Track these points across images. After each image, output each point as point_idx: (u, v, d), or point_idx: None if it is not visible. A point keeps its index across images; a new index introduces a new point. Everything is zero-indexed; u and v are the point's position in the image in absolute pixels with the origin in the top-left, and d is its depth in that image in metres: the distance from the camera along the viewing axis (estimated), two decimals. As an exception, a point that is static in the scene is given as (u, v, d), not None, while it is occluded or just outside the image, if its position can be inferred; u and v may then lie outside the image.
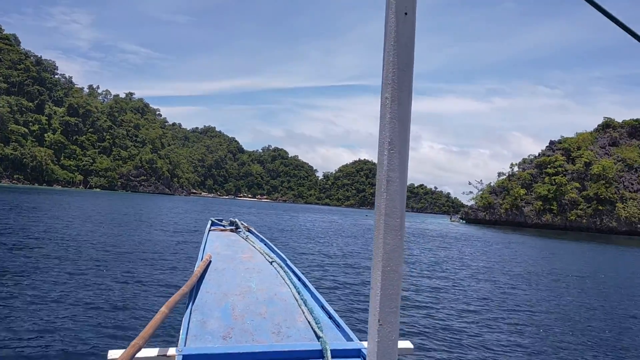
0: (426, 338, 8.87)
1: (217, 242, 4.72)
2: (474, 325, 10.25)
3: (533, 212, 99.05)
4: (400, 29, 1.12)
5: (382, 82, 1.16)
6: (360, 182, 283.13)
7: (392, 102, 1.13)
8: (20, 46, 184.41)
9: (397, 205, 1.14)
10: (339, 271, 16.53)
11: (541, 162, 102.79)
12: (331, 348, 2.29)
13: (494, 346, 8.74)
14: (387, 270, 1.14)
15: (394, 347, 1.17)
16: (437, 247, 32.15)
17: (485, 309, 12.10)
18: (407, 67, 1.13)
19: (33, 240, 17.74)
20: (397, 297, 1.16)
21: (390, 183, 1.13)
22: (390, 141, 1.13)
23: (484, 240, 45.48)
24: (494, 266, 22.49)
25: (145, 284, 11.66)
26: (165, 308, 2.32)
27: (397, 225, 1.15)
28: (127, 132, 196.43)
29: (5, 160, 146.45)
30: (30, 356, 6.39)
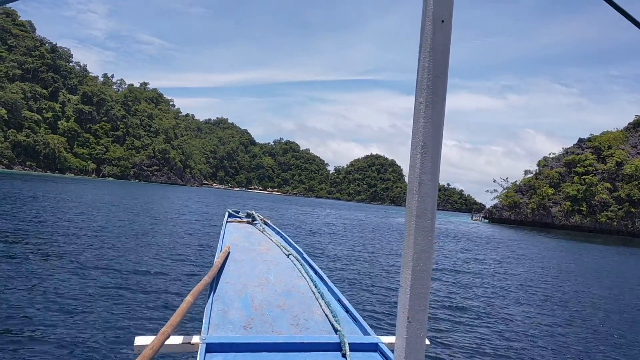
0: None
1: (235, 234, 4.74)
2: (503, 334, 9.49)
3: (561, 212, 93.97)
4: (436, 36, 1.14)
5: (417, 86, 1.17)
6: (371, 177, 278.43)
7: (426, 107, 1.14)
8: (35, 33, 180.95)
9: (429, 207, 1.16)
10: (361, 271, 15.53)
11: (570, 161, 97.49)
12: (349, 341, 2.31)
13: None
14: (417, 269, 1.16)
15: (422, 343, 1.20)
16: (467, 249, 29.11)
17: (523, 322, 10.84)
18: (442, 73, 1.15)
19: (55, 229, 17.60)
20: (426, 296, 1.19)
21: (422, 185, 1.15)
22: (424, 144, 1.15)
23: (515, 243, 41.34)
24: (542, 277, 19.49)
25: (166, 272, 11.78)
26: (190, 297, 2.37)
27: (428, 226, 1.17)
28: (140, 122, 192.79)
29: (18, 146, 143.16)
30: (59, 342, 6.34)
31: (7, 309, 7.75)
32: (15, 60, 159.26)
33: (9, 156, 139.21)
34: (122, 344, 6.57)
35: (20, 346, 6.28)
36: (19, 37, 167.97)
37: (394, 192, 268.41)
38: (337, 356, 2.26)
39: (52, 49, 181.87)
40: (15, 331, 6.78)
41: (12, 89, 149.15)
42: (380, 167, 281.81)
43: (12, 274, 10.12)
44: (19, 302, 8.15)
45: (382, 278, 14.38)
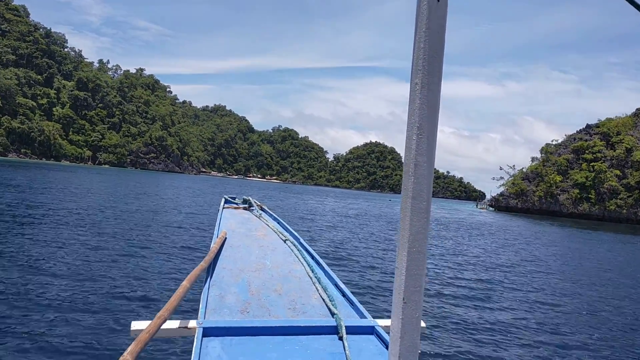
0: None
1: (231, 220, 4.75)
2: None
3: (569, 200, 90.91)
4: (432, 16, 1.13)
5: (412, 68, 1.16)
6: (370, 164, 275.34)
7: (422, 88, 1.13)
8: (29, 18, 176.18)
9: (424, 188, 1.16)
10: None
11: (578, 147, 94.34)
12: (346, 325, 2.32)
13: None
14: (412, 251, 1.16)
15: (418, 324, 1.20)
16: (474, 237, 27.84)
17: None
18: (437, 53, 1.14)
19: (52, 216, 17.45)
20: (422, 277, 1.19)
21: (418, 167, 1.15)
22: (420, 126, 1.14)
23: (523, 231, 38.71)
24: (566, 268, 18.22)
25: (162, 258, 11.69)
26: (186, 282, 2.38)
27: (424, 208, 1.16)
28: (137, 108, 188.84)
29: (12, 133, 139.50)
30: (55, 328, 6.32)
31: (2, 292, 7.73)
32: (9, 46, 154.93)
33: (3, 143, 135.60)
34: (118, 328, 6.44)
35: (15, 330, 6.21)
36: (13, 22, 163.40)
37: (393, 180, 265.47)
38: (334, 339, 2.27)
39: (47, 34, 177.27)
40: (11, 315, 6.73)
41: (6, 75, 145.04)
42: (380, 154, 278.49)
43: (7, 259, 9.95)
44: (15, 287, 8.08)
45: (381, 264, 14.21)
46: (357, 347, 2.21)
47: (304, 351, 2.13)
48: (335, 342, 2.24)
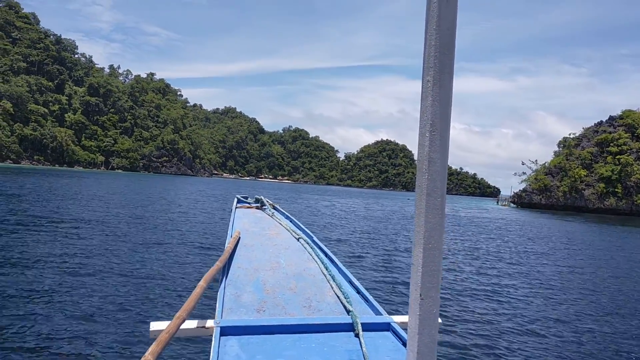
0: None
1: (244, 219, 4.76)
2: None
3: (595, 195, 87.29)
4: (442, 13, 1.12)
5: (424, 65, 1.15)
6: (382, 162, 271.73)
7: (433, 85, 1.12)
8: (39, 25, 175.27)
9: (438, 185, 1.15)
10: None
11: (602, 140, 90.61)
12: (361, 322, 2.32)
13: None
14: (428, 247, 1.16)
15: (435, 320, 1.20)
16: (500, 238, 25.88)
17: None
18: (448, 50, 1.13)
19: (69, 220, 17.66)
20: (438, 274, 1.18)
21: (431, 163, 1.14)
22: (432, 123, 1.13)
23: (546, 228, 35.54)
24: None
25: (178, 259, 11.72)
26: (203, 282, 2.39)
27: (438, 204, 1.16)
28: (148, 113, 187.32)
29: (25, 140, 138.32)
30: (76, 330, 6.36)
31: (25, 295, 7.78)
32: (19, 53, 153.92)
33: (16, 151, 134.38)
34: (138, 329, 6.45)
35: (37, 330, 6.27)
36: (23, 30, 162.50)
37: (405, 178, 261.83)
38: (350, 336, 2.27)
39: (57, 40, 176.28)
40: (32, 316, 6.78)
41: (18, 82, 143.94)
42: (391, 152, 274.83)
43: (29, 263, 10.07)
44: (36, 289, 8.16)
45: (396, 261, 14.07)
46: (373, 343, 2.20)
47: (321, 348, 2.12)
48: (352, 339, 2.24)
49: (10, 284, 8.51)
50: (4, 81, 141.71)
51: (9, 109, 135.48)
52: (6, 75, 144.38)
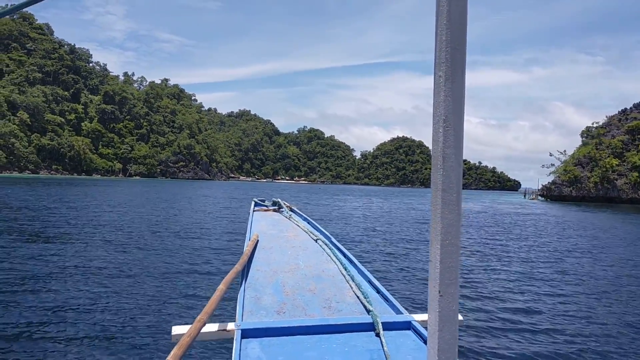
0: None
1: (262, 222, 4.78)
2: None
3: (628, 185, 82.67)
4: (452, 7, 1.10)
5: (435, 60, 1.13)
6: (399, 160, 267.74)
7: (445, 81, 1.11)
8: (53, 35, 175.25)
9: (454, 180, 1.14)
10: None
11: (634, 127, 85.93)
12: (382, 321, 2.31)
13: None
14: (445, 243, 1.15)
15: (455, 317, 1.19)
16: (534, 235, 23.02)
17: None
18: (460, 45, 1.12)
19: (91, 227, 17.99)
20: (456, 270, 1.17)
21: (446, 159, 1.13)
22: (446, 118, 1.12)
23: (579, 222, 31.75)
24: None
25: (197, 263, 11.75)
26: (223, 285, 2.40)
27: (454, 200, 1.15)
28: (164, 118, 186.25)
29: (42, 150, 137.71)
30: (97, 334, 6.44)
31: (48, 299, 7.92)
32: (35, 64, 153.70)
33: (34, 161, 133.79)
34: (159, 333, 6.50)
35: (60, 332, 6.38)
36: (37, 41, 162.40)
37: (423, 174, 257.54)
38: (371, 336, 2.26)
39: (71, 50, 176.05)
40: (55, 320, 6.90)
41: (33, 93, 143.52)
42: (408, 149, 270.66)
43: (52, 267, 10.35)
44: (59, 293, 8.31)
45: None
46: (394, 342, 2.19)
47: (342, 349, 2.12)
48: (373, 339, 2.23)
49: (37, 286, 8.77)
50: (20, 92, 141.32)
51: (26, 120, 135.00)
52: (22, 86, 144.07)
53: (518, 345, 6.80)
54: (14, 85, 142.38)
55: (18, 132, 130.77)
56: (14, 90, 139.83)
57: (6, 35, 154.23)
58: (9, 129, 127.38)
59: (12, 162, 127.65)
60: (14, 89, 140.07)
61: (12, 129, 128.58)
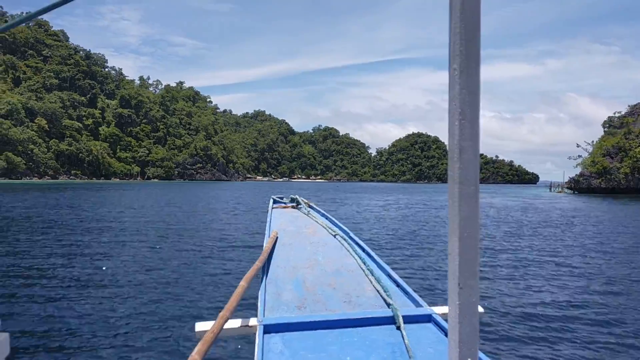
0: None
1: (281, 219, 4.79)
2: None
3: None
4: (466, 0, 1.09)
5: (450, 53, 1.12)
6: (415, 156, 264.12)
7: (460, 73, 1.09)
8: (69, 41, 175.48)
9: (471, 173, 1.13)
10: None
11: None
12: (402, 314, 2.31)
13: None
14: (464, 236, 1.14)
15: (475, 309, 1.18)
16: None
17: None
18: (474, 37, 1.10)
19: (113, 228, 18.48)
20: (476, 262, 1.16)
21: (463, 152, 1.12)
22: (461, 111, 1.10)
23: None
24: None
25: (218, 261, 11.82)
26: (244, 282, 2.41)
27: (472, 192, 1.14)
28: (180, 121, 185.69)
29: (61, 156, 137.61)
30: (123, 331, 6.48)
31: (74, 298, 8.07)
32: (51, 70, 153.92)
33: (53, 166, 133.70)
34: (183, 330, 6.56)
35: (86, 329, 6.52)
36: (53, 47, 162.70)
37: (439, 170, 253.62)
38: (392, 329, 2.25)
39: (87, 55, 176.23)
40: (82, 316, 7.07)
41: (51, 99, 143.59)
42: (424, 145, 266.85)
43: (76, 268, 10.57)
44: (83, 293, 8.49)
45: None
46: (415, 335, 2.18)
47: (363, 342, 2.12)
48: (393, 332, 2.22)
49: (65, 285, 9.05)
50: (38, 98, 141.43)
51: (44, 126, 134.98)
52: (39, 93, 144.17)
53: (542, 341, 6.57)
54: (31, 91, 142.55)
55: (36, 138, 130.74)
56: (32, 96, 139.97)
57: (22, 43, 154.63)
58: (27, 135, 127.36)
59: (31, 168, 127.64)
60: (32, 96, 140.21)
61: (30, 135, 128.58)
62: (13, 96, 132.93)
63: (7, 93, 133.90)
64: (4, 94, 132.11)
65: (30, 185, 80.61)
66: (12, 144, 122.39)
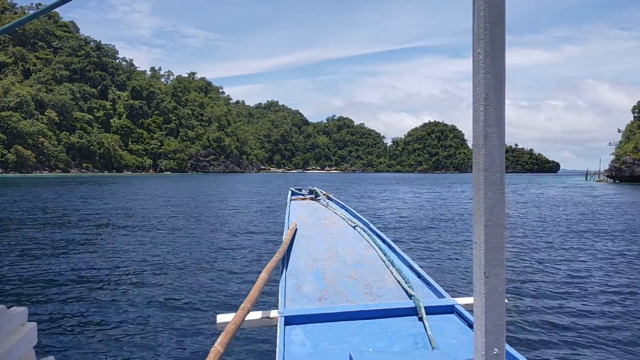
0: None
1: (300, 211, 4.77)
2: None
3: None
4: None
5: (474, 37, 1.08)
6: (432, 145, 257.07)
7: (485, 57, 1.06)
8: (79, 32, 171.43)
9: (497, 159, 1.10)
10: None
11: None
12: (424, 305, 2.28)
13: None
14: (489, 224, 1.11)
15: (502, 299, 1.15)
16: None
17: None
18: (499, 20, 1.05)
19: (134, 221, 18.27)
20: (502, 250, 1.13)
21: (487, 138, 1.08)
22: (486, 97, 1.07)
23: None
24: None
25: (238, 253, 11.75)
26: (264, 274, 2.40)
27: (498, 179, 1.11)
28: (192, 112, 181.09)
29: (72, 149, 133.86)
30: (146, 324, 6.49)
31: (97, 290, 8.16)
32: (61, 62, 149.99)
33: (64, 159, 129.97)
34: (205, 321, 6.56)
35: (109, 321, 6.54)
36: (63, 39, 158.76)
37: (457, 159, 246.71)
38: (414, 320, 2.23)
39: (97, 46, 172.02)
40: (105, 308, 7.10)
41: (61, 91, 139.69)
42: (440, 134, 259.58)
43: (98, 262, 10.50)
44: (106, 285, 8.51)
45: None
46: (438, 327, 2.16)
47: (385, 333, 2.10)
48: (416, 323, 2.19)
49: (89, 279, 8.98)
50: (48, 90, 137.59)
51: (54, 118, 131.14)
52: (49, 85, 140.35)
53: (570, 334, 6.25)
54: (41, 83, 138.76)
55: (47, 131, 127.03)
56: (42, 88, 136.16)
57: (32, 34, 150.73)
58: (37, 127, 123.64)
59: (42, 161, 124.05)
60: (41, 88, 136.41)
61: (40, 128, 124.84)
62: (23, 88, 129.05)
63: (16, 85, 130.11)
64: (13, 86, 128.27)
65: (41, 179, 77.07)
66: (22, 137, 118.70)
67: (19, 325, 1.60)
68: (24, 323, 1.63)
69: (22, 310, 1.67)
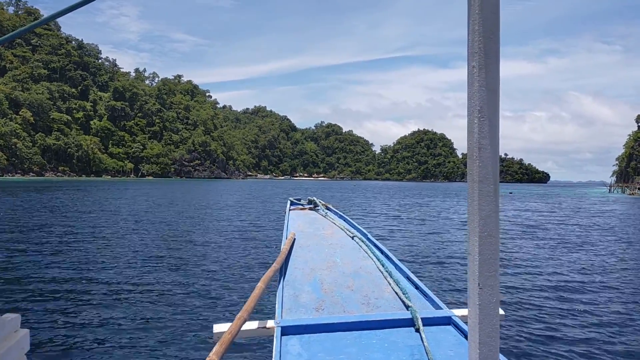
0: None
1: (298, 221, 4.72)
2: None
3: None
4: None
5: (468, 50, 1.10)
6: (421, 153, 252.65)
7: (479, 70, 1.08)
8: (60, 31, 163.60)
9: (490, 171, 1.11)
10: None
11: None
12: (421, 316, 2.26)
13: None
14: (483, 235, 1.12)
15: (496, 310, 1.15)
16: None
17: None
18: (493, 34, 1.07)
19: (124, 229, 17.69)
20: (496, 262, 1.14)
21: (482, 150, 1.10)
22: (480, 109, 1.08)
23: None
24: None
25: (235, 262, 11.48)
26: (261, 283, 2.38)
27: (492, 191, 1.12)
28: (177, 115, 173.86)
29: (48, 151, 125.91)
30: (139, 332, 6.39)
31: (91, 297, 7.95)
32: (40, 60, 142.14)
33: (39, 162, 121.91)
34: (201, 331, 6.45)
35: (104, 331, 6.37)
36: (44, 37, 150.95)
37: (446, 168, 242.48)
38: (411, 331, 2.21)
39: (79, 45, 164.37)
40: (100, 319, 6.92)
41: (38, 90, 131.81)
42: (430, 142, 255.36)
43: (93, 270, 10.16)
44: (100, 293, 8.24)
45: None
46: (434, 338, 2.15)
47: (382, 344, 2.09)
48: (412, 334, 2.18)
49: (82, 287, 8.68)
50: (24, 89, 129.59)
51: (29, 118, 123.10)
52: (26, 83, 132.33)
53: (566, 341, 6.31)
54: (17, 82, 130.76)
55: (20, 131, 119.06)
56: (17, 87, 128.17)
57: (9, 31, 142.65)
58: (10, 128, 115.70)
59: (14, 164, 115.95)
60: (17, 86, 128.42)
61: (13, 128, 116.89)
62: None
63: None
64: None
65: (11, 183, 70.30)
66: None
67: (12, 332, 1.56)
68: (17, 329, 1.59)
69: (15, 316, 1.63)
